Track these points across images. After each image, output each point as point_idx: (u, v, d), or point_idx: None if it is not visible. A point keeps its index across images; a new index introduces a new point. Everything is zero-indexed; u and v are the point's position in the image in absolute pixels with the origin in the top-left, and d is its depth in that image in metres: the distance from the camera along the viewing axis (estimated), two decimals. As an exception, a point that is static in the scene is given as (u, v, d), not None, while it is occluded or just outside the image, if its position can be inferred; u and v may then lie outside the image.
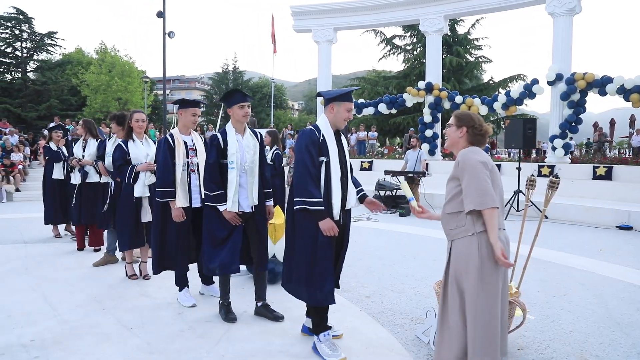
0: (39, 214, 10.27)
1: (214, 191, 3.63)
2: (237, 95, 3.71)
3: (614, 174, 11.16)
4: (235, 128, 3.72)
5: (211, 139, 3.69)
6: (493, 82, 28.56)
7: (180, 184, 4.05)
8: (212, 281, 4.56)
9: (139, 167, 4.80)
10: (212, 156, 3.66)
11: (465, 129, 2.72)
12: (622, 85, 11.42)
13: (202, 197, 4.09)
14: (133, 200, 4.82)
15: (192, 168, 4.16)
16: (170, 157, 4.06)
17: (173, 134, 4.16)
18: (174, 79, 69.05)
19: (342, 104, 3.21)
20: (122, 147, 4.83)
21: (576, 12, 12.81)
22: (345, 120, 3.25)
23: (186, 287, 4.27)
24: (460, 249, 2.62)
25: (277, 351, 3.26)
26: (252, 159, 3.73)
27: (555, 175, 3.52)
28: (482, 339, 2.53)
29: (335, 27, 17.26)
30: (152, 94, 36.47)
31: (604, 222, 8.79)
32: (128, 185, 4.82)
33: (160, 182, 4.07)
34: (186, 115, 4.18)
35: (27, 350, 3.24)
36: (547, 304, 4.28)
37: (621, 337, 3.54)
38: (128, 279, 4.96)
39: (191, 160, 4.17)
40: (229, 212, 3.62)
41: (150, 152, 4.92)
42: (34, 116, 30.15)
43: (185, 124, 4.23)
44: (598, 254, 6.40)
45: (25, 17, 32.21)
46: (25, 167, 15.40)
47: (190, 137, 4.27)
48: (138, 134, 4.92)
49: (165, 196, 4.03)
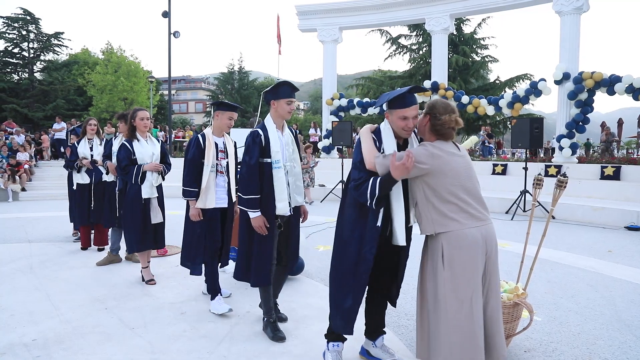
0: (44, 213, 10.34)
1: (252, 194, 3.33)
2: (286, 89, 3.44)
3: (622, 173, 11.04)
4: (276, 124, 3.46)
5: (253, 136, 3.37)
6: (499, 81, 28.37)
7: (206, 186, 3.96)
8: None
9: (146, 167, 4.71)
10: (255, 155, 3.35)
11: (428, 116, 2.63)
12: (631, 84, 11.30)
13: (231, 197, 4.09)
14: (140, 201, 4.70)
15: (221, 170, 4.07)
16: (199, 157, 3.97)
17: (205, 134, 4.05)
18: (179, 79, 69.29)
19: (393, 111, 2.70)
20: (127, 147, 4.72)
21: (584, 10, 12.69)
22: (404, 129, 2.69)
23: (219, 295, 4.06)
24: (428, 250, 2.64)
25: (280, 352, 3.23)
26: (291, 157, 3.51)
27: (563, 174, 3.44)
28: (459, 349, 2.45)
29: (340, 26, 17.22)
30: (157, 94, 36.62)
31: (612, 222, 8.70)
32: (135, 185, 4.71)
33: (185, 181, 3.97)
34: (222, 118, 4.03)
35: (29, 350, 3.23)
36: (554, 306, 4.22)
37: (631, 340, 3.48)
38: (145, 283, 4.79)
39: (220, 162, 4.07)
40: (261, 218, 3.32)
41: (156, 151, 4.84)
42: (41, 116, 30.36)
43: (219, 126, 4.08)
44: (606, 254, 6.32)
45: (32, 17, 32.47)
46: (31, 166, 15.48)
47: (222, 139, 4.15)
48: (142, 132, 4.82)
49: (187, 195, 3.96)
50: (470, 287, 2.48)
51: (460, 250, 2.48)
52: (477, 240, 2.49)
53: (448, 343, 2.47)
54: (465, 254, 2.48)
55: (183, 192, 3.97)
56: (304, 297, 4.33)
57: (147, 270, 4.90)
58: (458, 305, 2.47)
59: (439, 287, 2.51)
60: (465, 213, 2.51)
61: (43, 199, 13.45)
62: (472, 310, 2.47)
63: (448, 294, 2.48)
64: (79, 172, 6.22)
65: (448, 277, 2.48)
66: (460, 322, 2.47)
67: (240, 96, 42.32)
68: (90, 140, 6.29)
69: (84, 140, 6.28)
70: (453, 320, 2.47)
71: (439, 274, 2.52)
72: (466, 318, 2.47)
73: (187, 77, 75.07)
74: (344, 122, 13.04)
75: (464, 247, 2.47)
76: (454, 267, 2.48)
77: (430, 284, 2.58)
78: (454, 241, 2.49)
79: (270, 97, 3.45)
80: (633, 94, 11.35)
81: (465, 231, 2.48)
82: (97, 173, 6.24)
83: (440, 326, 2.50)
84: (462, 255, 2.48)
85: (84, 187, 6.25)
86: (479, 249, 2.50)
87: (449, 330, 2.48)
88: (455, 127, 2.60)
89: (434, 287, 2.55)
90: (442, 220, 2.51)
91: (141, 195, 4.69)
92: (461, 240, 2.48)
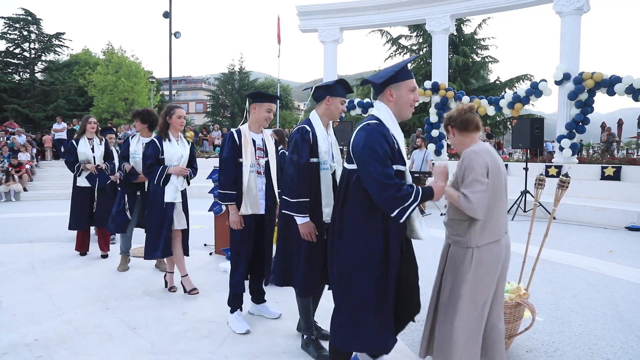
0: (45, 213, 10.35)
1: (301, 197, 2.98)
2: (341, 88, 3.20)
3: (622, 174, 11.04)
4: (323, 122, 3.18)
5: (301, 133, 3.07)
6: (500, 82, 28.39)
7: (247, 188, 3.58)
8: (264, 299, 3.99)
9: (171, 170, 4.36)
10: (305, 154, 3.03)
11: (450, 128, 2.64)
12: (631, 85, 11.29)
13: (272, 203, 3.72)
14: (163, 204, 4.35)
15: (259, 170, 3.67)
16: (235, 156, 3.57)
17: (241, 130, 3.65)
18: (180, 79, 69.28)
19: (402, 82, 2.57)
20: (156, 144, 4.36)
21: (584, 10, 12.70)
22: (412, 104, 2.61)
23: (239, 310, 3.73)
24: (456, 256, 2.58)
25: (282, 352, 3.23)
26: (337, 158, 3.23)
27: (565, 174, 3.44)
28: (464, 347, 2.49)
29: (341, 26, 17.21)
30: (158, 94, 36.63)
31: (612, 222, 8.69)
32: (157, 187, 4.36)
33: (221, 183, 3.59)
34: (260, 111, 3.63)
35: (31, 350, 3.23)
36: (556, 306, 4.22)
37: (632, 340, 3.48)
38: (168, 290, 4.58)
39: (258, 162, 3.67)
40: (310, 223, 3.00)
41: (185, 153, 4.50)
42: (42, 116, 30.35)
43: (257, 120, 3.67)
44: (607, 255, 6.32)
45: (33, 18, 32.48)
46: (32, 166, 15.49)
47: (260, 136, 3.74)
48: (176, 132, 4.48)
49: (224, 199, 3.58)
50: (488, 292, 2.53)
51: (491, 257, 2.50)
52: (502, 249, 2.55)
53: (456, 343, 2.49)
54: (494, 260, 2.51)
55: (219, 195, 3.63)
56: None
57: (171, 277, 4.65)
58: (473, 307, 2.50)
59: (461, 288, 2.50)
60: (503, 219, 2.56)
61: (44, 199, 13.46)
62: (483, 314, 2.53)
63: (467, 296, 2.49)
64: (79, 176, 5.91)
65: (471, 278, 2.49)
66: (470, 323, 2.50)
67: (240, 97, 42.30)
68: (90, 140, 5.96)
69: (84, 139, 5.91)
70: (464, 321, 2.49)
71: (463, 275, 2.51)
72: (476, 320, 2.51)
73: (187, 77, 75.06)
74: (345, 122, 13.04)
75: (494, 255, 2.51)
76: (479, 270, 2.49)
77: (448, 286, 2.58)
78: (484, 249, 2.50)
79: (324, 94, 3.16)
80: (633, 95, 11.34)
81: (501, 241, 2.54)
82: (101, 178, 5.95)
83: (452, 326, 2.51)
84: (490, 261, 2.50)
85: (85, 190, 5.94)
86: (502, 257, 2.55)
87: (459, 330, 2.49)
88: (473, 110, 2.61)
89: (453, 288, 2.54)
90: (484, 234, 2.49)
91: (164, 199, 4.35)
92: (493, 249, 2.51)
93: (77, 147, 5.86)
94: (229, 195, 3.56)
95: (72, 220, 6.04)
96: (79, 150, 5.85)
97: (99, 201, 5.96)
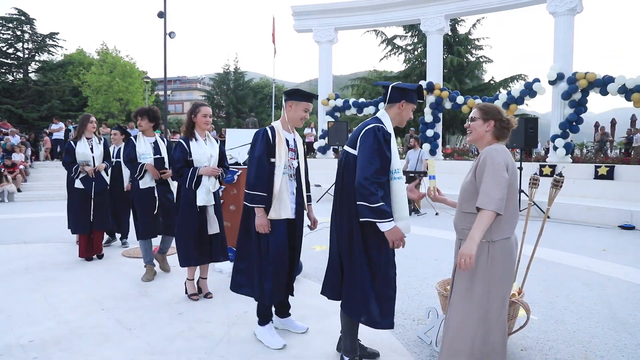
0: (40, 214, 10.30)
1: (381, 202, 2.69)
2: (416, 96, 2.96)
3: (615, 173, 11.13)
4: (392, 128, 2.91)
5: (382, 133, 2.78)
6: (494, 82, 28.51)
7: (279, 191, 3.29)
8: (289, 313, 3.67)
9: (202, 171, 4.14)
10: (385, 156, 2.77)
11: (492, 122, 2.60)
12: (624, 85, 11.39)
13: (301, 207, 3.46)
14: (196, 209, 4.14)
15: (291, 172, 3.40)
16: (268, 155, 3.30)
17: (275, 128, 3.38)
18: (175, 79, 69.08)
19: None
20: (184, 146, 4.14)
21: (577, 11, 12.78)
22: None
23: (270, 322, 3.47)
24: None
25: (278, 351, 3.24)
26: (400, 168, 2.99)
27: (559, 173, 3.47)
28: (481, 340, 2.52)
29: (336, 27, 17.24)
30: (153, 94, 36.52)
31: (606, 221, 8.76)
32: (189, 191, 4.14)
33: (251, 183, 3.26)
34: (297, 110, 3.37)
35: (26, 351, 3.22)
36: (550, 304, 4.25)
37: (626, 338, 3.51)
38: (188, 297, 4.33)
39: (291, 164, 3.41)
40: (399, 231, 2.75)
41: (214, 152, 4.28)
42: (36, 117, 30.18)
43: (291, 119, 3.41)
44: (601, 253, 6.37)
45: (27, 18, 32.26)
46: (26, 167, 15.41)
47: (292, 135, 3.48)
48: (202, 131, 4.25)
49: (253, 200, 3.23)
50: (505, 287, 2.55)
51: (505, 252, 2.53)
52: (514, 245, 2.60)
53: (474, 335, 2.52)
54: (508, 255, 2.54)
55: (248, 197, 3.28)
56: (302, 298, 4.33)
57: (192, 284, 4.37)
58: (499, 302, 2.52)
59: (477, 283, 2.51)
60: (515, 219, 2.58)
61: (39, 199, 13.40)
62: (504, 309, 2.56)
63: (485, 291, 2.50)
64: (77, 178, 5.63)
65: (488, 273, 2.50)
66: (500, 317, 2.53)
67: (235, 97, 42.24)
68: (89, 139, 5.71)
69: (82, 139, 5.66)
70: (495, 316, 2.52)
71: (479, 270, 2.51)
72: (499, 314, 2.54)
73: (182, 77, 74.85)
74: (340, 122, 13.08)
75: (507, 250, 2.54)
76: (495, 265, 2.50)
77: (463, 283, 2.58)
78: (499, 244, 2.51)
79: (400, 97, 2.90)
80: (625, 95, 11.44)
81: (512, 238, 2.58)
82: (98, 182, 5.71)
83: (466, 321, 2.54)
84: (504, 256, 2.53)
85: (83, 192, 5.68)
86: (515, 253, 2.62)
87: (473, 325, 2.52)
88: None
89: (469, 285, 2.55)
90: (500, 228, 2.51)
91: (196, 202, 4.14)
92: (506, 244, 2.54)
93: (75, 148, 5.62)
94: (259, 197, 3.23)
95: (73, 224, 5.86)
96: (78, 151, 5.61)
97: (96, 204, 5.72)
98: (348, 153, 2.88)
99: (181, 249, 4.23)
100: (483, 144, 2.63)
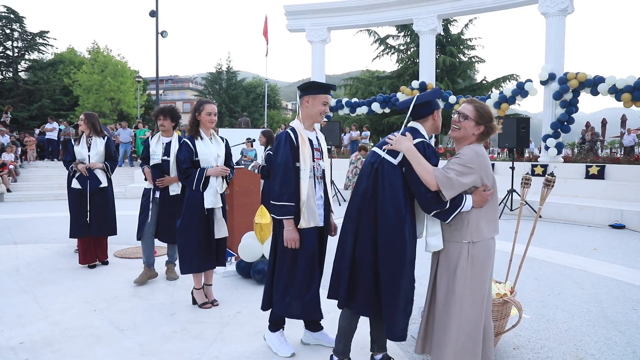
0: (30, 214, 10.20)
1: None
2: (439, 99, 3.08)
3: (606, 173, 11.23)
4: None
5: (425, 145, 2.61)
6: (486, 82, 28.66)
7: (307, 197, 2.98)
8: (321, 326, 3.34)
9: (210, 172, 3.95)
10: (433, 161, 2.62)
11: (483, 128, 2.61)
12: (614, 85, 11.51)
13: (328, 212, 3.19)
14: (204, 212, 3.93)
15: (318, 175, 3.12)
16: (293, 159, 2.98)
17: (296, 129, 3.06)
18: (167, 78, 68.69)
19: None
20: (189, 146, 3.95)
21: (569, 12, 12.90)
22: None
23: (281, 329, 3.27)
24: (450, 252, 2.59)
25: (272, 352, 3.23)
26: None
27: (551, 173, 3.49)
28: (463, 345, 2.54)
29: (329, 26, 17.26)
30: (145, 94, 36.30)
31: (597, 221, 8.84)
32: (196, 192, 3.93)
33: (277, 193, 2.94)
34: (315, 104, 3.06)
35: (17, 353, 3.19)
36: (542, 303, 4.28)
37: (616, 336, 3.54)
38: (199, 307, 4.08)
39: (317, 165, 3.12)
40: None
41: (221, 152, 4.09)
42: (26, 116, 29.88)
43: (311, 116, 3.09)
44: (592, 252, 6.42)
45: (16, 16, 31.91)
46: (16, 167, 15.25)
47: (314, 134, 3.19)
48: (207, 129, 4.06)
49: (281, 212, 2.93)
50: (485, 287, 2.58)
51: (484, 252, 2.57)
52: (492, 246, 2.64)
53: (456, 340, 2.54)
54: (487, 256, 2.58)
55: (273, 208, 2.98)
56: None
57: (201, 293, 4.12)
58: (472, 303, 2.55)
59: (458, 285, 2.54)
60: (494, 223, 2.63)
61: (29, 200, 13.27)
62: (482, 309, 2.57)
63: (466, 292, 2.53)
64: (74, 177, 5.46)
65: (468, 274, 2.53)
66: (472, 319, 2.55)
67: (228, 96, 42.13)
68: (89, 138, 5.49)
69: (83, 139, 5.49)
70: (465, 317, 2.54)
71: (459, 272, 2.54)
72: (477, 317, 2.56)
73: (174, 77, 74.48)
74: (333, 122, 13.07)
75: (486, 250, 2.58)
76: (476, 266, 2.54)
77: (444, 283, 2.61)
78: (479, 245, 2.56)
79: (431, 109, 2.72)
80: (616, 95, 11.56)
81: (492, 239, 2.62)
82: (92, 180, 5.41)
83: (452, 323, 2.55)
84: (484, 256, 2.57)
85: (79, 193, 5.45)
86: (493, 254, 2.64)
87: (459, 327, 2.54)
88: None
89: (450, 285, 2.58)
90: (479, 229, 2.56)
91: (202, 205, 3.94)
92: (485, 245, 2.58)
93: (74, 147, 5.50)
94: (288, 208, 2.92)
95: (71, 228, 5.57)
96: (75, 150, 5.48)
97: (92, 206, 5.43)
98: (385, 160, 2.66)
99: (184, 254, 3.97)
100: (465, 143, 2.67)
